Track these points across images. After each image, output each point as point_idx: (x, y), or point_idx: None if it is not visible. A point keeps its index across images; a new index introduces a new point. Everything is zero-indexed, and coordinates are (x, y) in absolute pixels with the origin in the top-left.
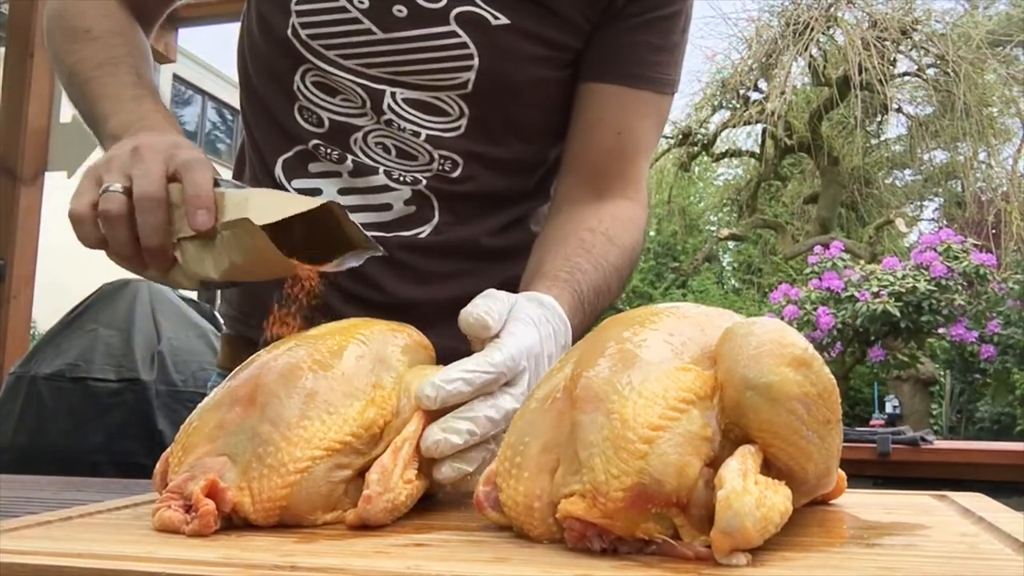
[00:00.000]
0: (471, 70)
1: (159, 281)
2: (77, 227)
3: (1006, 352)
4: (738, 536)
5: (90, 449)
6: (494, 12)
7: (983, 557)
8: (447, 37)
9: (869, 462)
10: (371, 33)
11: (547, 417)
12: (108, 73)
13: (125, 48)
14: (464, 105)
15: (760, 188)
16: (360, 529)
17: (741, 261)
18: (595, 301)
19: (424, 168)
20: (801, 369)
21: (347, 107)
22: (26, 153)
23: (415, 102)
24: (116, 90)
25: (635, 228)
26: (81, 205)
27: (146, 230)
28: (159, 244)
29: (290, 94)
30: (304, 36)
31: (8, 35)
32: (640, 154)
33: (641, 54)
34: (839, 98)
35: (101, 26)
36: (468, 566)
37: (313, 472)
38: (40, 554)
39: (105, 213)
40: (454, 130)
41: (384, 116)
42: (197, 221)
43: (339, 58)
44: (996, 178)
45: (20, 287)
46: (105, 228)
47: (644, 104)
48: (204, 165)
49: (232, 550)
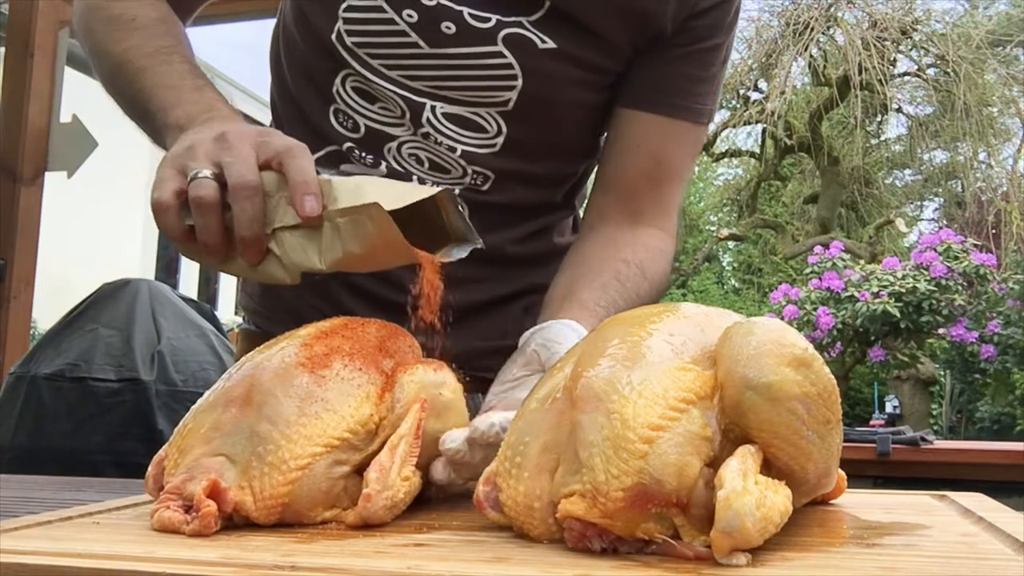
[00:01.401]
0: (514, 90)
1: (243, 275)
2: (160, 217)
3: (1006, 352)
4: (738, 536)
5: (90, 449)
6: (542, 36)
7: (983, 557)
8: (493, 57)
9: (869, 462)
10: (417, 47)
11: (547, 417)
12: (162, 63)
13: (173, 38)
14: (503, 123)
15: (760, 188)
16: (361, 528)
17: (741, 261)
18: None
19: (456, 181)
20: (801, 369)
21: (385, 116)
22: (26, 153)
23: (454, 117)
24: (175, 80)
25: (664, 260)
26: (165, 193)
27: (243, 219)
28: (255, 234)
29: (327, 96)
30: (349, 42)
31: (8, 35)
32: (674, 182)
33: (682, 84)
34: (839, 98)
35: (147, 15)
36: (468, 566)
37: (314, 469)
38: (40, 554)
39: (197, 200)
40: (490, 147)
41: (422, 129)
42: (306, 208)
43: (383, 68)
44: (996, 178)
45: (20, 287)
46: (195, 216)
47: (681, 133)
48: (305, 151)
49: (232, 550)
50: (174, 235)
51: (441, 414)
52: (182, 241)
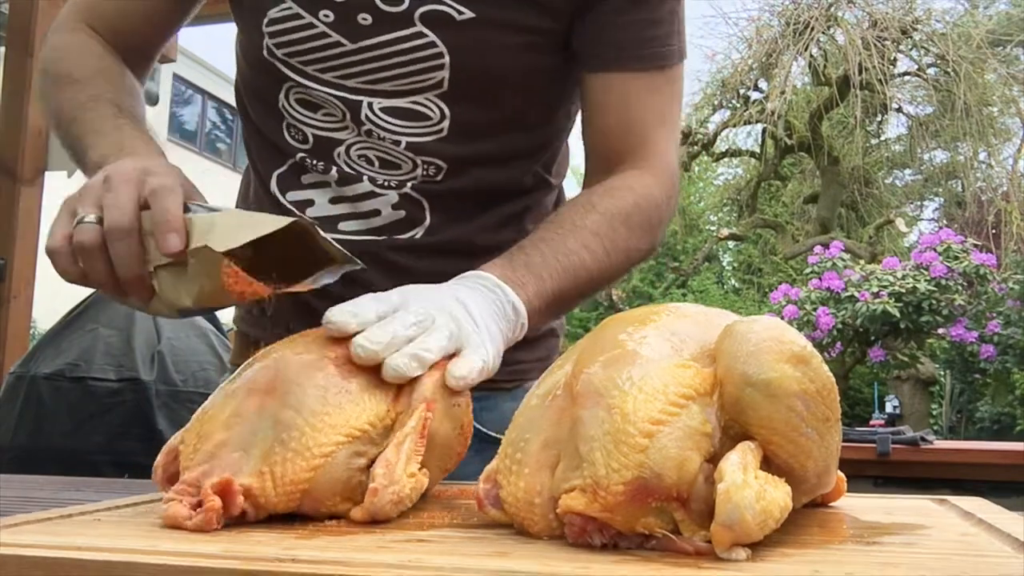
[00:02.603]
0: (443, 68)
1: (142, 311)
2: (55, 261)
3: (1006, 352)
4: (738, 529)
5: (90, 449)
6: (458, 7)
7: (983, 555)
8: (414, 39)
9: (869, 462)
10: (341, 45)
11: (547, 414)
12: (89, 110)
13: (107, 86)
14: (444, 106)
15: (760, 188)
16: (363, 524)
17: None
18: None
19: (408, 175)
20: (800, 366)
21: (329, 121)
22: (26, 153)
23: (392, 109)
24: (97, 124)
25: (628, 194)
26: (56, 239)
27: (119, 260)
28: (134, 274)
29: (276, 113)
30: (279, 55)
31: (8, 35)
32: (651, 127)
33: (637, 33)
34: (839, 98)
35: (83, 69)
36: (468, 560)
37: (336, 457)
38: (39, 547)
39: (79, 245)
40: (436, 133)
41: (364, 127)
42: (166, 245)
43: (315, 73)
44: (996, 178)
45: (20, 287)
46: (82, 260)
47: (652, 82)
48: (171, 190)
49: (234, 544)
50: (70, 279)
51: (454, 416)
52: (80, 283)
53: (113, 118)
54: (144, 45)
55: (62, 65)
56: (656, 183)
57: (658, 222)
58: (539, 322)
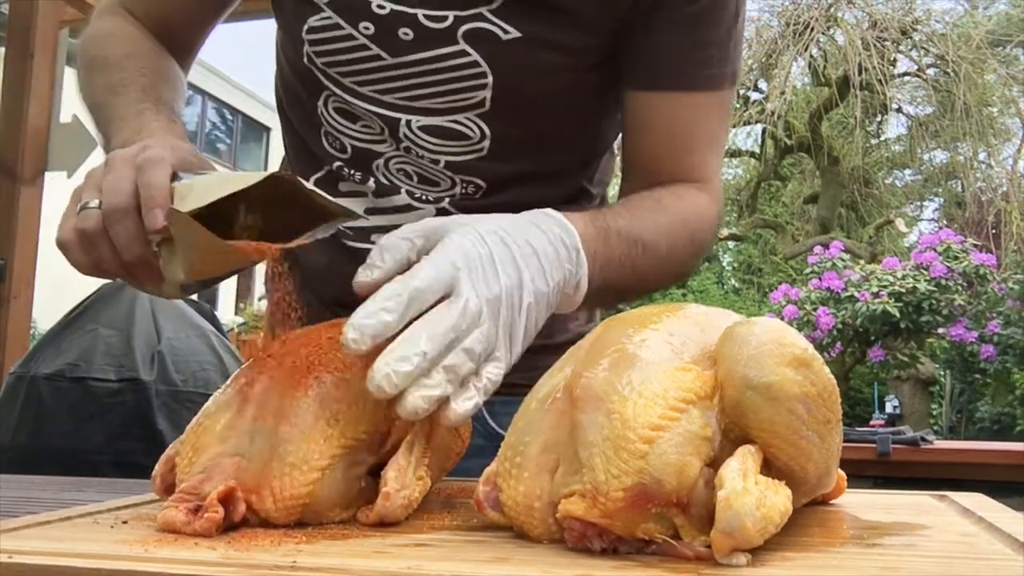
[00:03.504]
0: (486, 88)
1: (157, 294)
2: (65, 253)
3: (1006, 352)
4: (738, 536)
5: (90, 449)
6: (504, 26)
7: (983, 557)
8: (457, 57)
9: (869, 462)
10: (381, 59)
11: (547, 417)
12: (116, 95)
13: (136, 69)
14: (484, 126)
15: (760, 188)
16: (372, 527)
17: (741, 261)
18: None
19: (447, 192)
20: (801, 369)
21: (367, 133)
22: (26, 153)
23: (431, 128)
24: (122, 110)
25: (691, 203)
26: (64, 230)
27: (119, 242)
28: (137, 255)
29: (315, 120)
30: (319, 63)
31: (8, 35)
32: (698, 148)
33: (686, 54)
34: (839, 98)
35: (116, 53)
36: (468, 566)
37: (334, 469)
38: (40, 554)
39: (82, 232)
40: (475, 152)
41: (402, 144)
42: (148, 221)
43: (354, 85)
44: (996, 178)
45: (20, 287)
46: (88, 248)
47: (699, 104)
48: (156, 161)
49: (232, 550)
50: (83, 269)
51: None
52: (94, 274)
53: (137, 103)
54: (182, 33)
55: (97, 49)
56: (710, 205)
57: (709, 245)
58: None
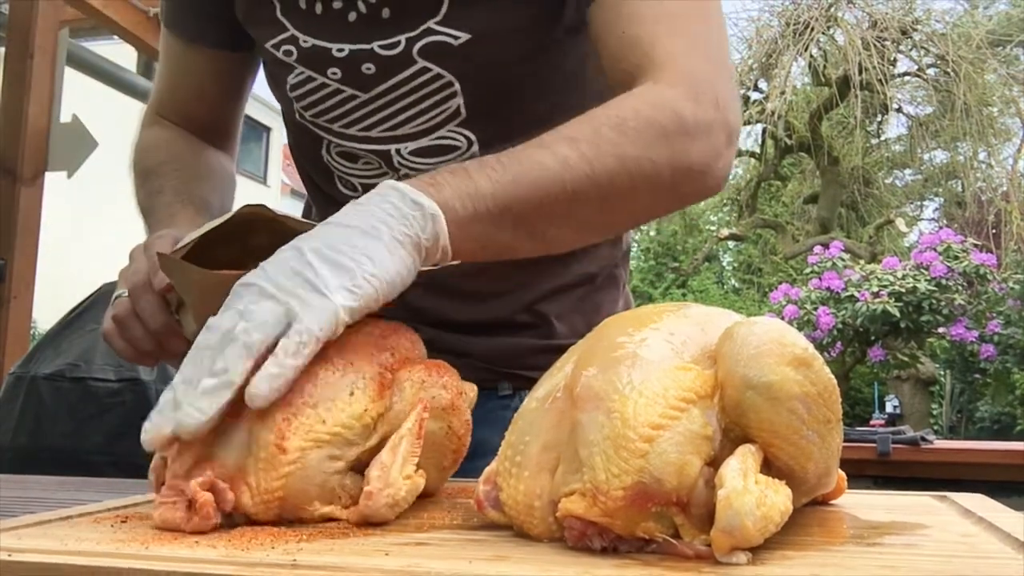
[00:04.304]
0: (456, 96)
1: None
2: (111, 345)
3: (1006, 352)
4: (738, 535)
5: (90, 449)
6: (453, 32)
7: (983, 557)
8: (420, 75)
9: (869, 462)
10: (356, 97)
11: (547, 416)
12: (154, 200)
13: (171, 175)
14: (468, 132)
15: (760, 188)
16: (362, 526)
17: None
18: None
19: None
20: (801, 368)
21: (369, 169)
22: (26, 153)
23: (421, 150)
24: (158, 215)
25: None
26: (106, 322)
27: (144, 316)
28: (161, 323)
29: (323, 166)
30: (308, 117)
31: (8, 35)
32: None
33: None
34: (839, 98)
35: (155, 160)
36: (468, 565)
37: (306, 463)
38: (40, 552)
39: (117, 320)
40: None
41: (400, 172)
42: (155, 283)
43: (343, 129)
44: (996, 178)
45: (20, 287)
46: (123, 331)
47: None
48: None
49: (233, 548)
50: (127, 356)
51: (441, 415)
52: (134, 359)
53: (168, 206)
54: (215, 123)
55: (143, 161)
56: (672, 92)
57: (679, 131)
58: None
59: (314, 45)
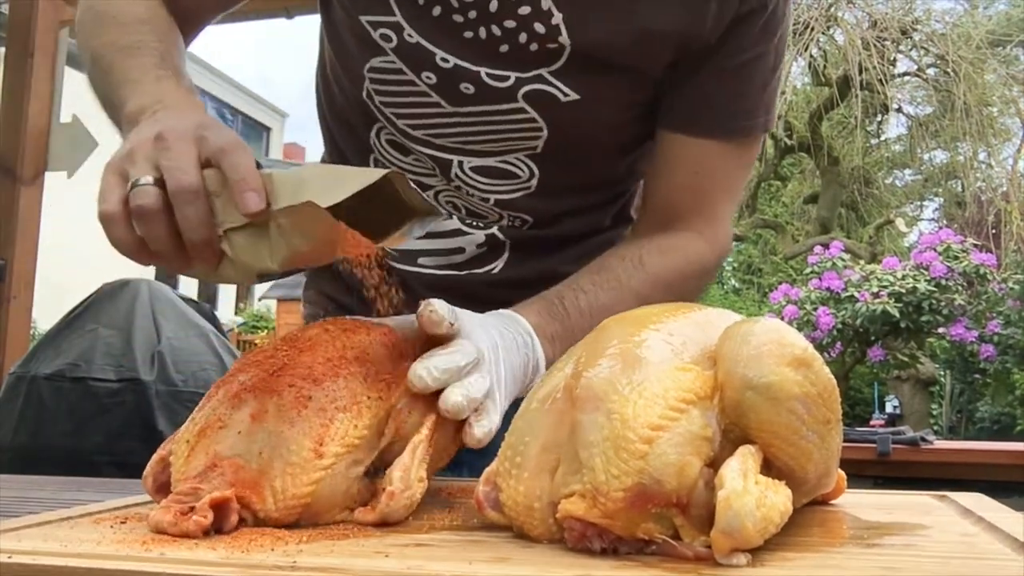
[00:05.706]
0: (540, 139)
1: (206, 279)
2: (109, 229)
3: (1006, 352)
4: (738, 536)
5: (90, 449)
6: (564, 88)
7: (983, 557)
8: (515, 113)
9: (869, 462)
10: (440, 106)
11: (547, 417)
12: (131, 56)
13: (153, 35)
14: (533, 165)
15: (760, 188)
16: (373, 527)
17: (741, 261)
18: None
19: (495, 223)
20: (801, 369)
21: (418, 167)
22: (26, 153)
23: (483, 169)
24: (138, 74)
25: (679, 257)
26: (110, 204)
27: (189, 224)
28: (204, 237)
29: (365, 146)
30: (378, 101)
31: (8, 35)
32: (719, 192)
33: (727, 103)
34: (839, 98)
35: (129, 13)
36: (468, 566)
37: (336, 469)
38: (40, 554)
39: (139, 210)
40: (523, 190)
41: (454, 182)
42: (248, 205)
43: (408, 127)
44: (996, 178)
45: (20, 287)
46: (141, 226)
47: (729, 151)
48: (241, 146)
49: (233, 550)
50: (126, 248)
51: (447, 421)
52: (136, 253)
53: (155, 68)
54: (192, 11)
55: (105, 4)
56: (709, 251)
57: (697, 290)
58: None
59: (419, 43)
